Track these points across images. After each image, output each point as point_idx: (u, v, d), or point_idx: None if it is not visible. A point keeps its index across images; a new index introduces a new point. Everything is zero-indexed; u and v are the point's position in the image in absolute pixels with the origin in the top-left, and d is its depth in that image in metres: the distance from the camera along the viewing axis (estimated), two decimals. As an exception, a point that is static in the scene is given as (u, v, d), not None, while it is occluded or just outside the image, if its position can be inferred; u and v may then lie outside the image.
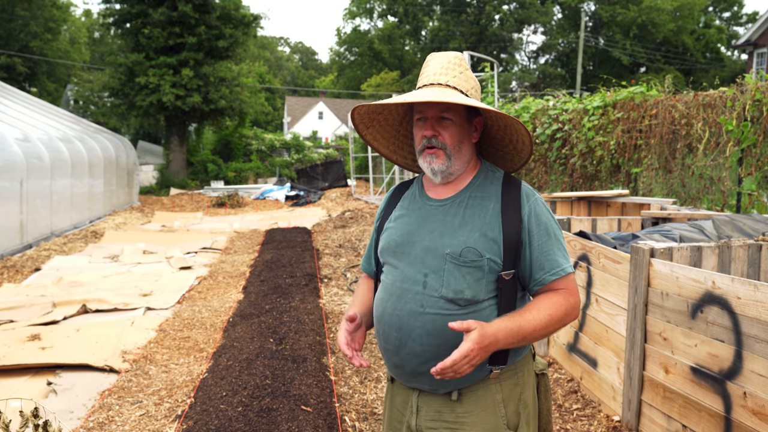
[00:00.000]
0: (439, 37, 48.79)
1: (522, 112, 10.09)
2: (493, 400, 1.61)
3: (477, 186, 1.68)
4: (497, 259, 1.58)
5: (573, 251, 3.93)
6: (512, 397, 1.63)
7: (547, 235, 1.61)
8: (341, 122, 49.21)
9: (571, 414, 3.53)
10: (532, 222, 1.61)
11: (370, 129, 1.83)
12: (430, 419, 1.64)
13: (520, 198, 1.63)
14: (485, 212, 1.62)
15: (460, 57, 1.69)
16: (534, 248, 1.60)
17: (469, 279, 1.57)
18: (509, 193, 1.64)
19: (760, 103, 5.87)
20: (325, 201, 17.57)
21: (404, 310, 1.61)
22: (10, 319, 5.40)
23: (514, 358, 1.64)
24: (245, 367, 3.98)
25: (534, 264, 1.60)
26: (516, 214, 1.60)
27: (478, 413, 1.60)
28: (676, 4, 43.39)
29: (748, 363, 2.40)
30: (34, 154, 9.47)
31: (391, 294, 1.65)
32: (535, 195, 1.65)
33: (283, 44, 78.18)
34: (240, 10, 21.28)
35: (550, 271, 1.60)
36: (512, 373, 1.64)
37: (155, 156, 26.19)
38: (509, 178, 1.70)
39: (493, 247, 1.58)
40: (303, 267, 7.42)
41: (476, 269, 1.57)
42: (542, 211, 1.64)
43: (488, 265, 1.57)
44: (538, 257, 1.60)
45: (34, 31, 32.15)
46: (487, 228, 1.60)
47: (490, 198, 1.64)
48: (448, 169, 1.65)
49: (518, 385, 1.65)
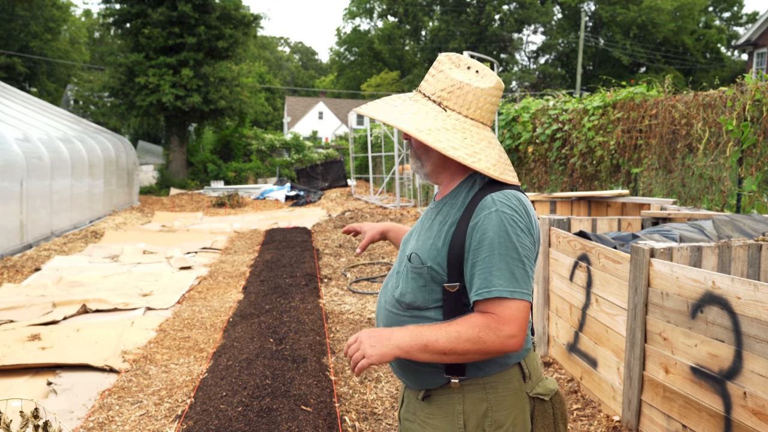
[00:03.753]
0: (439, 37, 48.80)
1: (522, 112, 10.09)
2: (453, 409, 1.58)
3: (455, 192, 1.63)
4: (439, 269, 1.55)
5: (573, 251, 3.93)
6: (475, 411, 1.56)
7: (488, 252, 1.47)
8: (341, 122, 49.22)
9: (571, 414, 3.53)
10: (475, 236, 1.49)
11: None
12: (410, 412, 1.69)
13: (475, 209, 1.52)
14: (446, 220, 1.59)
15: (443, 57, 1.63)
16: (469, 265, 1.50)
17: (412, 284, 1.60)
18: (472, 203, 1.55)
19: (760, 103, 5.87)
20: (325, 201, 17.57)
21: (379, 302, 1.75)
22: (10, 319, 5.41)
23: (476, 372, 1.56)
24: (245, 367, 3.98)
25: (468, 280, 1.51)
26: (464, 226, 1.53)
27: (440, 418, 1.60)
28: (676, 4, 43.41)
29: (748, 363, 2.40)
30: (34, 154, 9.47)
31: (383, 287, 1.80)
32: (494, 208, 1.49)
33: (283, 44, 78.23)
34: (240, 10, 21.28)
35: (476, 291, 1.48)
36: (479, 387, 1.57)
37: (155, 156, 26.19)
38: (489, 187, 1.57)
39: (437, 257, 1.55)
40: (303, 267, 7.42)
41: (418, 276, 1.58)
42: (490, 226, 1.48)
43: (429, 273, 1.56)
44: (471, 274, 1.50)
45: (34, 31, 32.17)
46: (439, 236, 1.57)
47: (457, 206, 1.59)
48: (421, 170, 1.70)
49: (486, 401, 1.56)
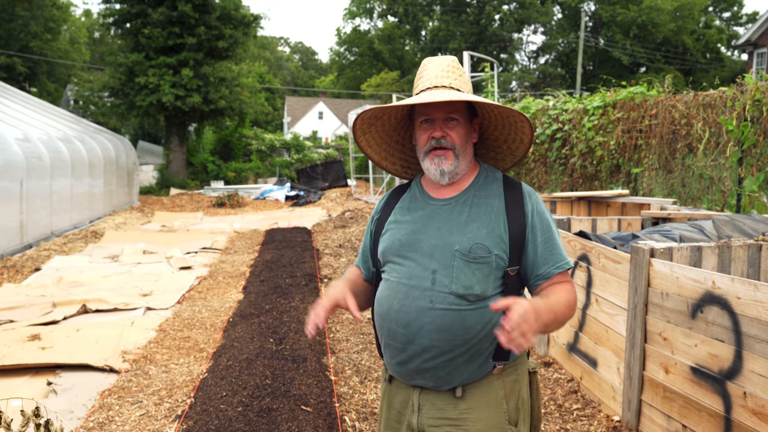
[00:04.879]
0: (439, 37, 48.78)
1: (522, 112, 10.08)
2: (496, 396, 1.65)
3: (480, 185, 1.73)
4: (504, 255, 1.63)
5: (573, 251, 3.93)
6: (513, 393, 1.67)
7: (549, 231, 1.68)
8: (341, 122, 49.20)
9: (571, 414, 3.53)
10: (536, 219, 1.67)
11: (366, 135, 1.85)
12: (432, 417, 1.64)
13: (523, 196, 1.69)
14: (491, 210, 1.67)
15: (456, 61, 1.75)
16: (539, 243, 1.66)
17: (478, 275, 1.61)
18: (512, 192, 1.70)
19: (760, 103, 5.87)
20: (325, 201, 17.57)
21: (412, 307, 1.62)
22: (10, 319, 5.40)
23: (515, 354, 1.66)
24: (245, 367, 3.98)
25: (539, 258, 1.66)
26: (520, 212, 1.66)
27: (482, 409, 1.63)
28: (676, 4, 43.38)
29: (748, 363, 2.40)
30: (34, 154, 9.47)
31: (397, 291, 1.66)
32: (534, 194, 1.73)
33: (283, 44, 78.18)
34: (240, 11, 21.27)
35: (555, 265, 1.66)
36: (513, 370, 1.69)
37: (155, 156, 26.18)
38: (508, 178, 1.76)
39: (500, 244, 1.63)
40: (303, 267, 7.42)
41: (485, 265, 1.61)
42: (543, 209, 1.71)
43: (496, 261, 1.62)
44: (543, 252, 1.66)
45: (34, 31, 32.15)
46: (494, 225, 1.64)
47: (494, 196, 1.69)
48: (455, 169, 1.69)
49: (518, 381, 1.69)
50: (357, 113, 1.75)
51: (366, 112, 1.74)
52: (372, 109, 1.74)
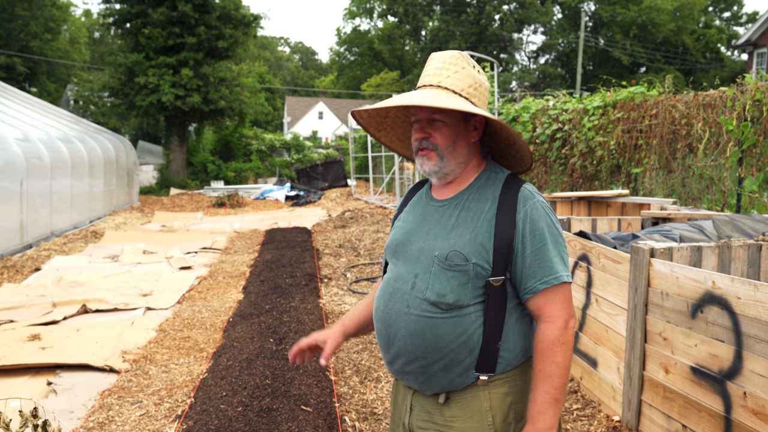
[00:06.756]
0: (439, 37, 48.78)
1: (522, 112, 10.09)
2: (480, 407, 1.57)
3: (477, 188, 1.64)
4: (485, 264, 1.54)
5: (573, 251, 3.93)
6: (502, 406, 1.58)
7: (542, 241, 1.54)
8: (341, 122, 49.19)
9: (571, 414, 3.53)
10: (527, 227, 1.55)
11: (382, 132, 1.85)
12: (422, 419, 1.64)
13: (517, 201, 1.57)
14: (479, 215, 1.58)
15: (457, 55, 1.64)
16: (527, 255, 1.54)
17: (453, 283, 1.54)
18: (507, 196, 1.58)
19: (760, 103, 5.87)
20: (325, 201, 17.57)
21: (393, 309, 1.61)
22: (10, 319, 5.40)
23: (505, 367, 1.58)
24: (245, 367, 3.98)
25: (527, 270, 1.54)
26: (510, 219, 1.55)
27: (465, 419, 1.58)
28: (676, 4, 43.39)
29: (748, 363, 2.40)
30: (34, 154, 9.47)
31: (386, 291, 1.66)
32: (534, 198, 1.59)
33: (283, 44, 78.18)
34: (240, 10, 21.28)
35: (542, 279, 1.53)
36: (503, 382, 1.59)
37: (155, 156, 26.18)
38: (512, 179, 1.64)
39: (482, 252, 1.54)
40: (303, 267, 7.42)
41: (461, 273, 1.53)
42: (539, 216, 1.56)
43: (474, 270, 1.53)
44: (531, 264, 1.54)
45: (34, 31, 32.15)
46: (478, 231, 1.56)
47: (487, 200, 1.60)
48: (441, 170, 1.64)
49: (509, 394, 1.59)
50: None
51: (360, 114, 1.75)
52: (362, 111, 1.74)
